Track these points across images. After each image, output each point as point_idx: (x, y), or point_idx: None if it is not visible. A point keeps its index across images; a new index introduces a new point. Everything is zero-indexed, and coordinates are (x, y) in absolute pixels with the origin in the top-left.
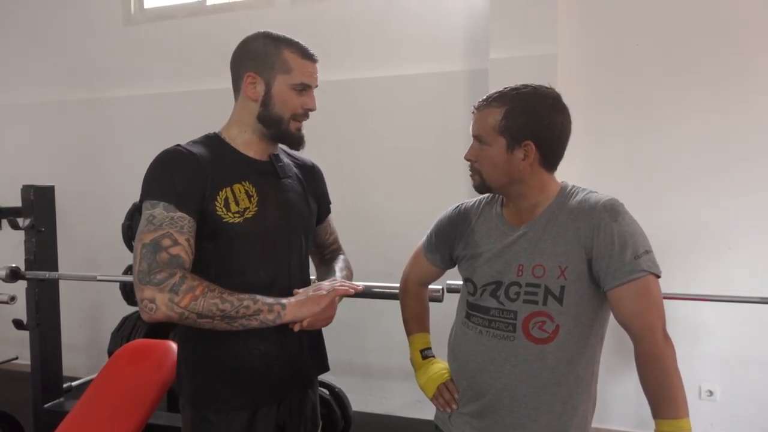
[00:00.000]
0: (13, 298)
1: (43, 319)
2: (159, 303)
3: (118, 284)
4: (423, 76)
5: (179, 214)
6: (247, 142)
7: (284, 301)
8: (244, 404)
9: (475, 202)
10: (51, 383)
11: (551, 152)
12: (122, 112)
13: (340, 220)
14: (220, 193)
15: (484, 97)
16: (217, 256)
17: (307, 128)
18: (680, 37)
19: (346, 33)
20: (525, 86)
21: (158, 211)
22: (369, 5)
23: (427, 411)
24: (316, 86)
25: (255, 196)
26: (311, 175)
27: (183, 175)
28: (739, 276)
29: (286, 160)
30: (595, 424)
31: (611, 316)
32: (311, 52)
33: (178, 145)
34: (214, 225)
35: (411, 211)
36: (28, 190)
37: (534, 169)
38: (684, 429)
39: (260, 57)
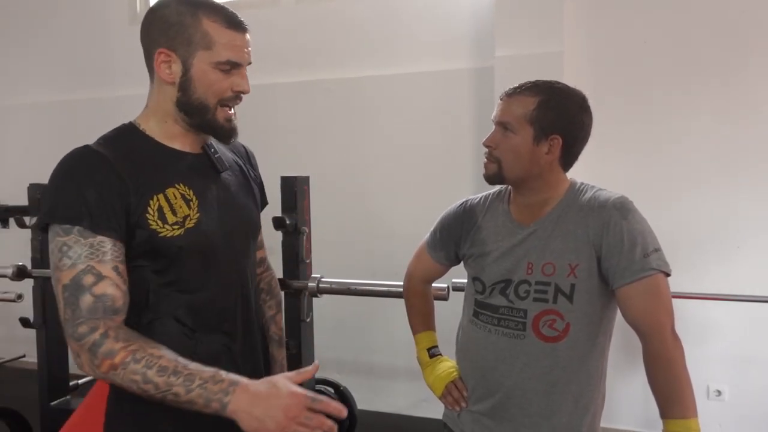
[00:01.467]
0: (20, 296)
1: (50, 317)
2: (83, 362)
3: None
4: (428, 74)
5: (98, 238)
6: (171, 134)
7: (226, 400)
8: None
9: (480, 199)
10: (58, 381)
11: (573, 151)
12: (128, 110)
13: (345, 218)
14: (151, 203)
15: (517, 84)
16: (157, 276)
17: (311, 126)
18: (688, 35)
19: (352, 32)
20: (557, 82)
21: (72, 238)
22: (374, 4)
23: (432, 410)
24: (249, 63)
25: (194, 199)
26: (247, 158)
27: (95, 187)
28: (748, 275)
29: (219, 146)
30: (602, 424)
31: (618, 314)
32: (239, 19)
33: (87, 145)
34: (150, 241)
35: (416, 210)
36: (34, 189)
37: (553, 166)
38: (692, 429)
39: (173, 28)
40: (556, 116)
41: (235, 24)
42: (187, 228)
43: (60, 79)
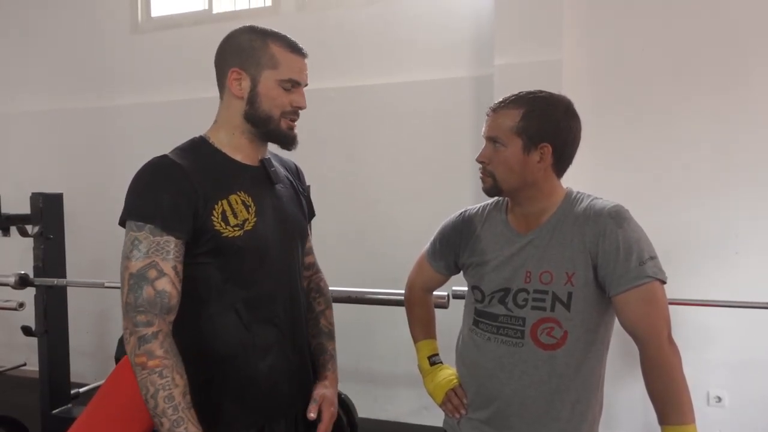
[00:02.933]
0: (21, 305)
1: (52, 325)
2: (129, 344)
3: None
4: (428, 83)
5: (165, 237)
6: (237, 146)
7: None
8: (253, 422)
9: (478, 209)
10: (59, 389)
11: (564, 157)
12: (130, 119)
13: (346, 225)
14: (216, 207)
15: (500, 99)
16: (219, 272)
17: (312, 134)
18: (685, 43)
19: (352, 40)
20: (540, 91)
21: (143, 234)
22: (374, 12)
23: (433, 417)
24: (306, 84)
25: (252, 206)
26: (295, 173)
27: (171, 193)
28: (746, 281)
29: (273, 161)
30: (601, 430)
31: (616, 321)
32: (300, 46)
33: (166, 155)
34: (214, 241)
35: (417, 217)
36: (37, 198)
37: (547, 173)
38: None
39: (245, 52)
40: (542, 124)
41: (297, 49)
42: (245, 230)
43: (62, 88)
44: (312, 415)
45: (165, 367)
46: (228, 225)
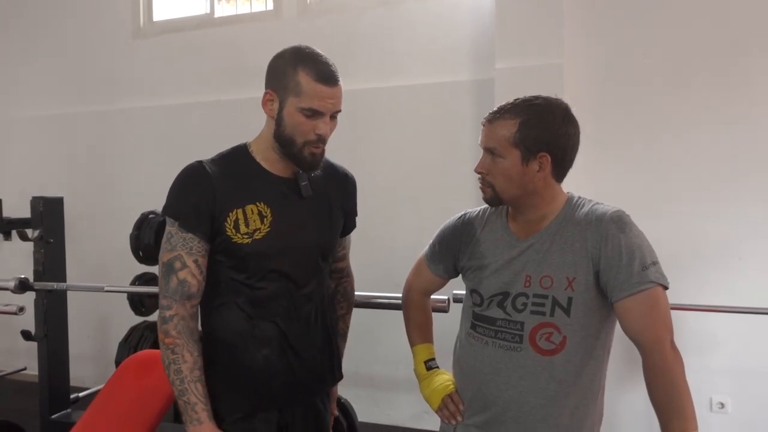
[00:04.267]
0: (21, 309)
1: (51, 330)
2: (158, 322)
3: (125, 295)
4: (429, 87)
5: (189, 235)
6: (271, 159)
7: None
8: (240, 407)
9: (479, 212)
10: (58, 394)
11: (564, 163)
12: (132, 123)
13: None
14: (230, 214)
15: (495, 109)
16: (229, 270)
17: None
18: (687, 47)
19: (353, 44)
20: (536, 98)
21: (174, 230)
22: (375, 16)
23: (433, 423)
24: (337, 110)
25: (268, 216)
26: (343, 187)
27: (194, 196)
28: (750, 286)
29: (318, 173)
30: None
31: (618, 327)
32: (331, 74)
33: (201, 161)
34: (225, 244)
35: (417, 221)
36: (37, 202)
37: (547, 181)
38: None
39: (278, 75)
40: (539, 134)
41: (324, 78)
42: (255, 239)
43: (64, 93)
44: None
45: (176, 345)
46: (238, 232)
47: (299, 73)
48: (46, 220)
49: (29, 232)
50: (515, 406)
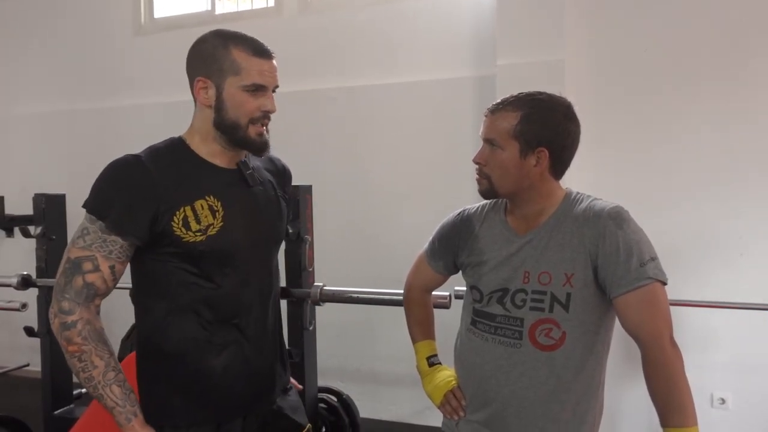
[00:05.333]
0: (24, 306)
1: None
2: (54, 326)
3: (127, 291)
4: (430, 83)
5: (112, 237)
6: (212, 152)
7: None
8: (205, 420)
9: (477, 208)
10: (61, 390)
11: (562, 160)
12: (133, 120)
13: (347, 225)
14: (177, 213)
15: (499, 100)
16: (181, 272)
17: (314, 134)
18: (689, 44)
19: (354, 40)
20: (540, 93)
21: (93, 228)
22: (376, 13)
23: (435, 418)
24: (276, 85)
25: (220, 210)
26: (285, 179)
27: (128, 198)
28: (751, 283)
29: (256, 163)
30: None
31: (617, 323)
32: (265, 47)
33: (137, 155)
34: (175, 245)
35: (418, 218)
36: (39, 199)
37: (544, 176)
38: None
39: (209, 59)
40: (540, 129)
41: (259, 52)
42: (208, 235)
43: (65, 89)
44: None
45: (83, 353)
46: (189, 230)
47: (232, 52)
48: (49, 217)
49: (31, 228)
50: (516, 402)
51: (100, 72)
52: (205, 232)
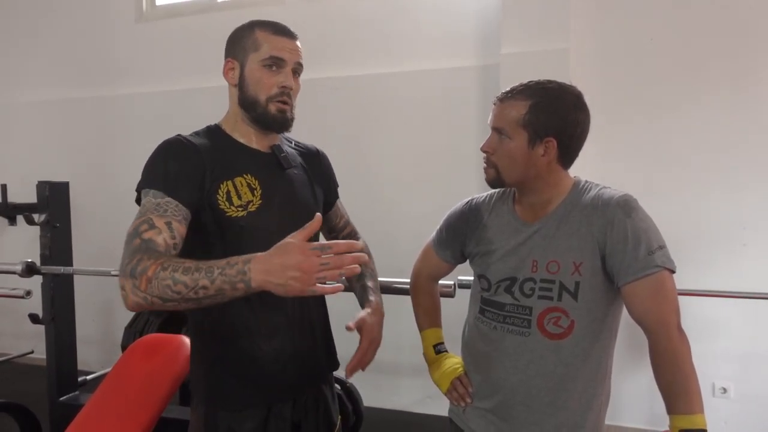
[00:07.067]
0: (28, 293)
1: (59, 313)
2: (127, 290)
3: None
4: (434, 72)
5: (166, 199)
6: (245, 134)
7: (247, 278)
8: (258, 402)
9: (485, 197)
10: (66, 377)
11: (570, 150)
12: (135, 108)
13: (351, 214)
14: (222, 186)
15: (508, 89)
16: (223, 253)
17: (317, 123)
18: (694, 32)
19: (357, 29)
20: (550, 82)
21: (147, 199)
22: (379, 1)
23: (437, 407)
24: (298, 63)
25: (258, 188)
26: (317, 162)
27: (177, 162)
28: (754, 272)
29: (289, 149)
30: (608, 421)
31: (624, 311)
32: (287, 28)
33: (179, 135)
34: (219, 220)
35: (422, 207)
36: (43, 187)
37: (551, 166)
38: (698, 424)
39: (236, 41)
40: (548, 119)
41: (281, 31)
42: (249, 211)
43: (67, 77)
44: (350, 325)
45: (163, 263)
46: (232, 205)
47: (256, 32)
48: (52, 205)
49: (35, 216)
50: (524, 390)
51: (102, 60)
52: (246, 207)
